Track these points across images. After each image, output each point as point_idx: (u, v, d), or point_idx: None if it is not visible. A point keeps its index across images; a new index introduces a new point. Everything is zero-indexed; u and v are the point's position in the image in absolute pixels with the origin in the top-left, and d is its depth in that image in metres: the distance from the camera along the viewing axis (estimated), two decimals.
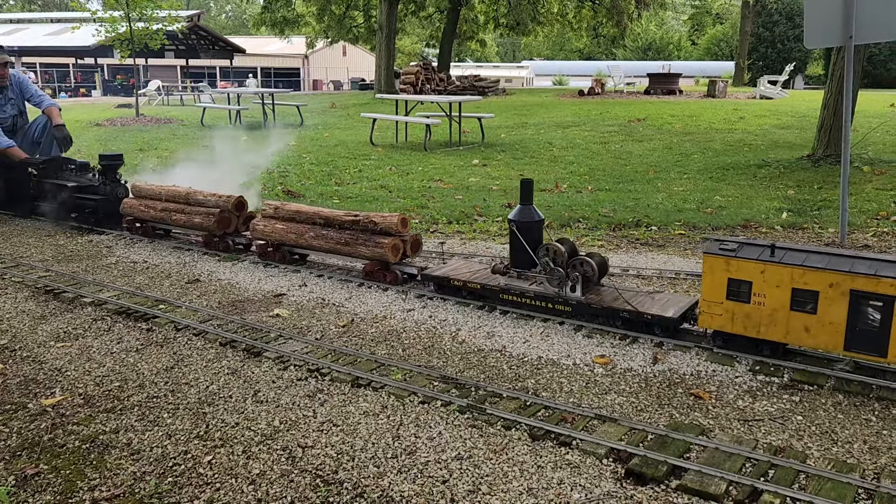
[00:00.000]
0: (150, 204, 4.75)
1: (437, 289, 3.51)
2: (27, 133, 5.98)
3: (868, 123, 11.58)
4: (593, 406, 2.38)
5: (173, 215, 4.58)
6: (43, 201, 5.43)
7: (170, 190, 4.73)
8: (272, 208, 4.19)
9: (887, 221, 5.47)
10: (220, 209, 4.39)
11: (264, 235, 4.14)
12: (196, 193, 4.57)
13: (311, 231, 3.96)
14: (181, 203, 4.61)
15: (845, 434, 2.17)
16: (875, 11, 4.47)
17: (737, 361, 2.67)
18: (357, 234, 3.77)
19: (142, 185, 4.92)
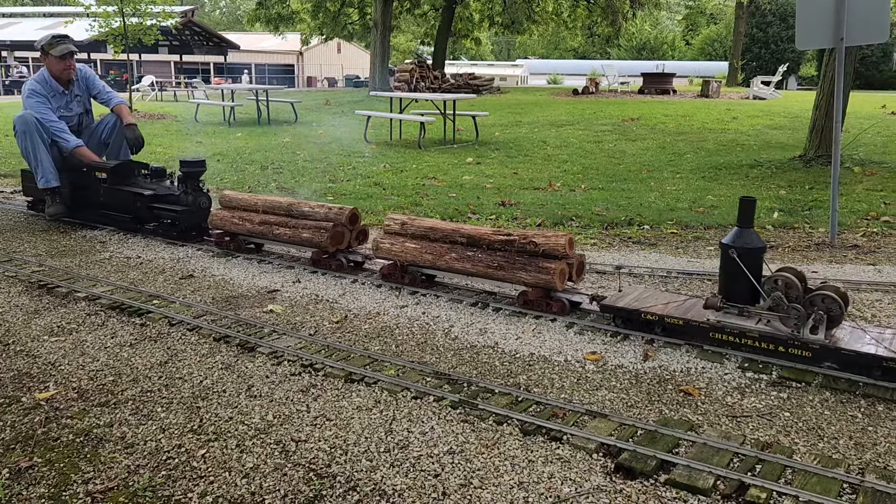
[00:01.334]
0: (245, 216, 4.23)
1: (623, 322, 2.98)
2: (94, 133, 5.40)
3: (860, 125, 11.66)
4: (584, 402, 2.40)
5: (275, 230, 4.08)
6: (113, 210, 4.94)
7: (267, 201, 4.26)
8: (398, 223, 3.70)
9: (877, 222, 5.52)
10: (334, 223, 3.90)
11: (392, 255, 3.64)
12: (300, 205, 4.08)
13: (451, 252, 3.45)
14: (282, 215, 4.12)
15: (831, 430, 2.21)
16: (866, 14, 4.52)
17: (726, 359, 2.70)
18: (512, 256, 3.28)
19: (232, 195, 4.45)
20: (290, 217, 4.09)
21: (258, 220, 4.18)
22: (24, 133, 4.91)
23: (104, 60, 34.77)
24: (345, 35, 31.60)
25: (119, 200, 4.84)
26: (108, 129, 5.38)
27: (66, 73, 5.11)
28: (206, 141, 11.03)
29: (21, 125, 4.92)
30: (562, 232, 3.26)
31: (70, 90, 5.23)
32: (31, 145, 4.90)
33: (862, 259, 4.40)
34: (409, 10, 28.03)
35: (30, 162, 4.99)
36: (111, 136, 5.38)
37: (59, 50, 5.02)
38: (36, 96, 5.02)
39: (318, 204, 4.06)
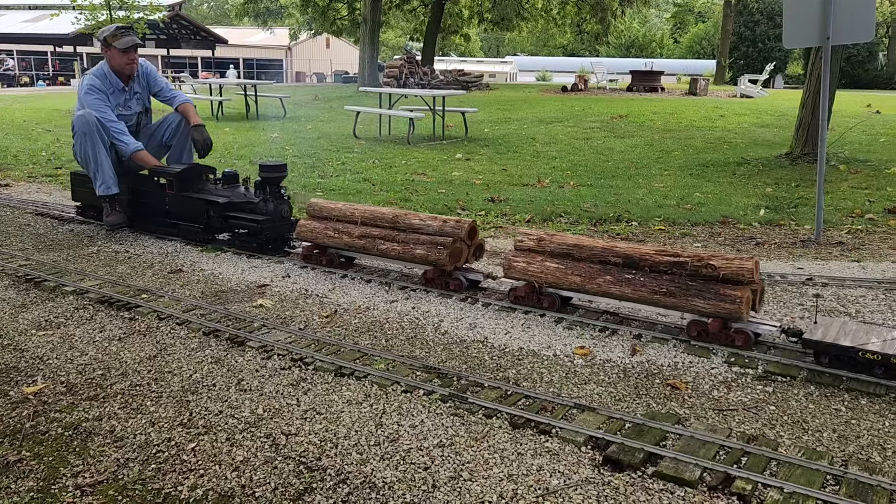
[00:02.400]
0: (342, 228, 3.78)
1: (830, 361, 2.56)
2: (154, 134, 4.91)
3: (845, 123, 11.76)
4: (573, 396, 2.42)
5: (380, 244, 3.62)
6: (181, 219, 4.47)
7: (368, 211, 3.79)
8: (533, 239, 3.26)
9: (861, 219, 5.59)
10: (453, 238, 3.45)
11: (528, 276, 3.22)
12: (408, 216, 3.64)
13: (605, 274, 3.01)
14: (387, 228, 3.67)
15: (816, 423, 2.24)
16: (851, 13, 4.56)
17: (713, 353, 2.73)
18: (683, 280, 2.85)
19: (322, 204, 3.97)
20: (395, 230, 3.63)
21: (358, 232, 3.71)
22: (83, 135, 4.44)
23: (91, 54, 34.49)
24: (334, 30, 31.50)
25: (188, 209, 4.38)
26: (171, 130, 4.89)
27: (128, 67, 4.65)
28: None
29: (81, 126, 4.45)
30: (746, 255, 2.87)
31: (130, 87, 4.76)
32: (92, 148, 4.44)
33: (846, 256, 4.46)
34: (398, 5, 28.00)
35: (88, 166, 4.52)
36: (173, 138, 4.89)
37: (124, 42, 4.56)
38: (95, 93, 4.54)
39: (430, 216, 3.62)
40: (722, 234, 5.09)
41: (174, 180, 4.38)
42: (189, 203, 4.37)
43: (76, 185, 4.96)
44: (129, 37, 4.62)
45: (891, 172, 7.69)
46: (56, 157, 8.75)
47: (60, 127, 12.29)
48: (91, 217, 4.97)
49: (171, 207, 4.48)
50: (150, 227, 4.69)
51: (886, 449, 2.08)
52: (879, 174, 7.65)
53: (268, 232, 4.09)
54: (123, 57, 4.60)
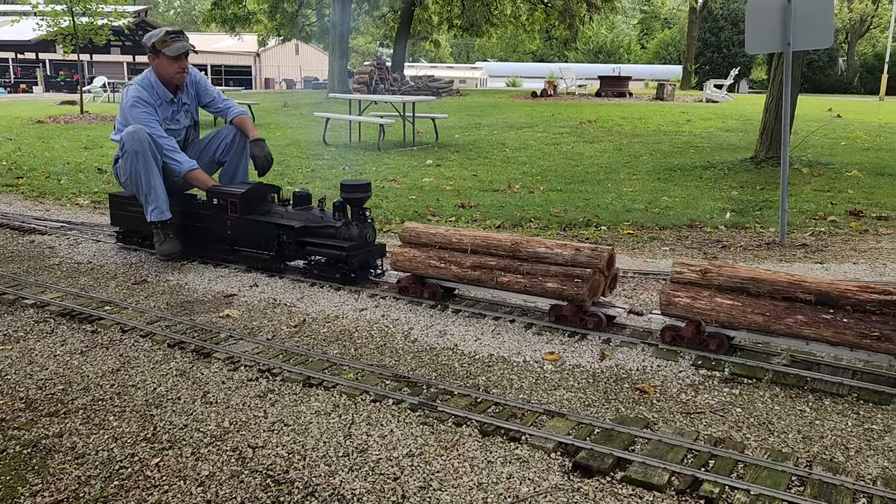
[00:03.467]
0: (449, 257, 3.32)
1: None
2: (205, 150, 4.42)
3: (808, 127, 12.01)
4: (542, 402, 2.42)
5: (499, 276, 3.17)
6: (246, 245, 3.99)
7: (479, 237, 3.31)
8: (697, 271, 2.80)
9: (824, 221, 5.70)
10: (592, 268, 3.00)
11: (693, 313, 2.76)
12: (531, 243, 3.18)
13: (794, 314, 2.59)
14: (505, 257, 3.20)
15: (781, 424, 2.26)
16: (811, 20, 4.66)
17: (681, 357, 2.76)
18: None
19: (420, 228, 3.51)
20: (516, 259, 3.18)
21: (470, 262, 3.25)
22: (135, 154, 3.95)
23: (53, 60, 33.89)
24: (303, 36, 31.36)
25: (254, 234, 3.90)
26: (226, 145, 4.39)
27: (179, 76, 4.18)
28: None
29: (132, 143, 3.94)
30: None
31: (178, 98, 4.28)
32: (145, 168, 3.96)
33: (810, 258, 4.54)
34: (367, 11, 27.95)
35: (138, 189, 4.03)
36: (227, 154, 4.40)
37: (175, 48, 4.09)
38: (142, 106, 4.07)
39: (558, 243, 3.16)
40: (689, 238, 5.16)
41: (238, 202, 3.88)
42: (256, 227, 3.88)
43: (116, 209, 4.46)
44: (181, 42, 4.13)
45: (852, 175, 7.86)
46: (17, 166, 8.56)
47: (22, 136, 12.05)
48: (135, 244, 4.46)
49: (233, 232, 3.98)
50: (206, 255, 4.20)
51: (849, 449, 2.11)
52: (841, 177, 7.82)
53: (354, 260, 3.62)
54: (174, 65, 4.12)
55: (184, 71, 4.19)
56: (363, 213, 3.67)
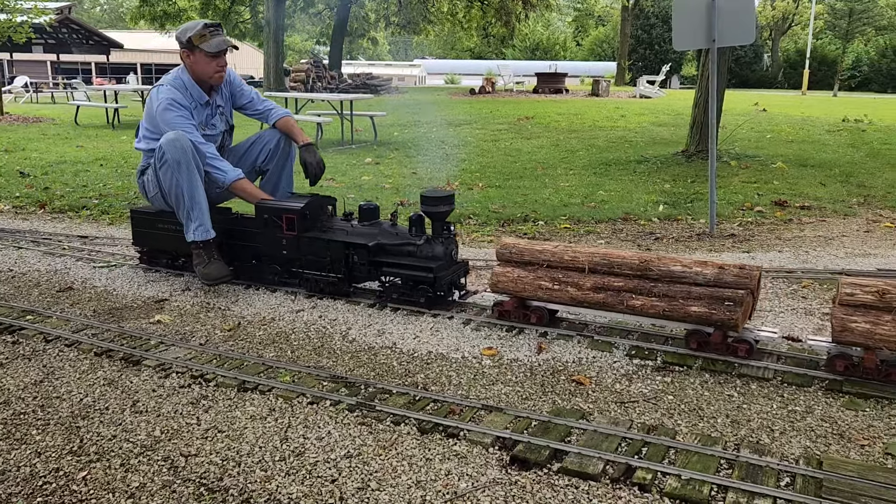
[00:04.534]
0: (563, 277, 2.93)
1: None
2: (245, 157, 3.95)
3: (736, 121, 12.41)
4: (481, 397, 2.43)
5: (629, 299, 2.81)
6: (307, 266, 3.48)
7: (597, 254, 2.92)
8: (872, 292, 2.45)
9: (751, 212, 5.90)
10: (744, 289, 2.64)
11: (873, 341, 2.44)
12: (664, 261, 2.81)
13: None
14: (633, 277, 2.84)
15: (710, 410, 2.33)
16: (734, 17, 4.81)
17: (615, 347, 2.81)
18: None
19: (523, 245, 3.07)
20: (645, 279, 2.82)
21: (590, 283, 2.89)
22: (177, 164, 3.43)
23: None
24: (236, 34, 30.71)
25: (317, 254, 3.42)
26: (269, 151, 3.93)
27: (218, 76, 3.71)
28: (87, 145, 10.43)
29: (174, 152, 3.42)
30: None
31: (212, 99, 3.79)
32: (188, 181, 3.45)
33: (738, 247, 4.69)
34: (303, 8, 27.58)
35: (179, 204, 3.51)
36: (271, 161, 3.95)
37: (215, 43, 3.60)
38: (177, 108, 3.57)
39: (696, 261, 2.78)
40: (624, 231, 5.26)
41: (296, 218, 3.42)
42: (320, 247, 3.41)
43: (140, 226, 3.92)
44: (221, 36, 3.67)
45: (777, 167, 8.16)
46: None
47: None
48: (164, 266, 3.96)
49: (289, 252, 3.49)
50: (257, 278, 3.68)
51: (774, 431, 2.19)
52: (766, 169, 8.10)
53: (443, 281, 3.24)
54: (212, 63, 3.65)
55: (223, 70, 3.71)
56: (447, 227, 3.29)
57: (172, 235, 3.73)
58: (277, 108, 4.00)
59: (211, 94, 3.78)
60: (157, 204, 3.78)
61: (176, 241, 3.72)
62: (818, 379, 2.50)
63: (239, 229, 3.67)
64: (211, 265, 3.54)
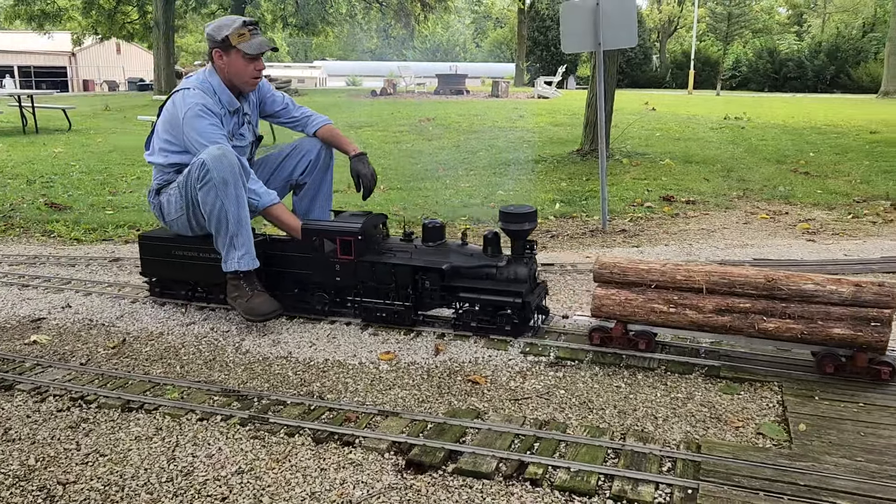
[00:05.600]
0: (679, 299, 2.68)
1: None
2: (278, 171, 3.54)
3: (627, 120, 12.93)
4: (377, 403, 2.42)
5: (759, 321, 2.59)
6: (367, 294, 3.11)
7: (715, 272, 2.68)
8: None
9: (641, 207, 6.16)
10: (889, 307, 2.46)
11: None
12: (793, 279, 2.59)
13: None
14: (759, 297, 2.61)
15: (599, 402, 2.42)
16: (617, 22, 5.01)
17: (510, 346, 2.86)
18: None
19: (624, 264, 2.79)
20: (773, 299, 2.60)
21: (711, 305, 2.65)
22: (224, 184, 2.96)
23: None
24: (124, 35, 29.31)
25: (380, 280, 3.05)
26: (308, 163, 3.51)
27: (254, 81, 3.29)
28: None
29: (220, 170, 2.95)
30: None
31: (240, 108, 3.37)
32: (236, 204, 3.01)
33: (628, 242, 4.88)
34: (195, 8, 26.63)
35: (221, 229, 3.04)
36: (310, 175, 3.53)
37: (256, 45, 3.19)
38: (209, 116, 3.12)
39: (829, 278, 2.56)
40: None
41: (354, 241, 3.05)
42: (382, 272, 3.03)
43: (151, 253, 3.41)
44: (261, 36, 3.25)
45: (665, 164, 8.56)
46: None
47: None
48: (183, 298, 3.44)
49: (345, 279, 3.11)
50: (301, 309, 3.25)
51: (658, 418, 2.29)
52: (656, 165, 8.48)
53: (532, 306, 2.95)
54: (249, 66, 3.22)
55: (260, 74, 3.30)
56: (530, 246, 2.99)
57: (195, 263, 3.29)
58: (316, 115, 3.60)
59: (240, 101, 3.37)
60: (178, 228, 3.30)
61: (200, 270, 3.29)
62: (698, 366, 2.64)
63: (278, 254, 3.21)
64: (256, 298, 3.07)
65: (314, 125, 3.56)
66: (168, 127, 3.23)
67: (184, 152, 3.20)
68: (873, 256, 4.34)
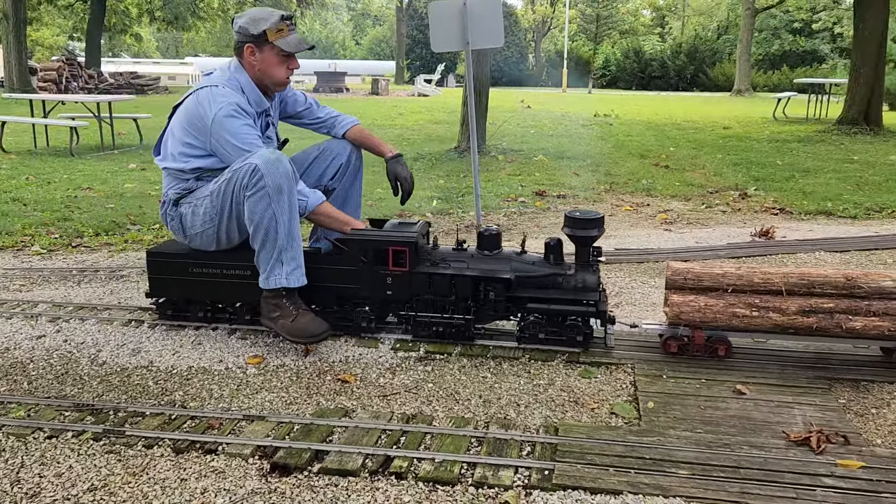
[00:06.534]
0: (760, 302, 2.66)
1: None
2: (306, 175, 3.22)
3: (503, 117, 13.28)
4: (243, 407, 2.38)
5: (845, 321, 2.59)
6: (422, 308, 2.87)
7: (792, 273, 2.68)
8: None
9: (515, 202, 6.35)
10: None
11: None
12: (870, 277, 2.63)
13: None
14: (839, 296, 2.63)
15: (466, 393, 2.48)
16: (484, 22, 5.13)
17: (381, 343, 2.88)
18: None
19: (698, 269, 2.75)
20: (853, 298, 2.63)
21: (795, 307, 2.63)
22: (278, 192, 2.70)
23: None
24: None
25: (438, 292, 2.83)
26: (339, 167, 3.25)
27: (287, 82, 3.06)
28: None
29: (275, 176, 2.69)
30: None
31: (269, 107, 3.10)
32: (290, 214, 2.75)
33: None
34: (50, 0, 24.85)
35: (268, 241, 2.75)
36: (340, 179, 3.28)
37: (294, 42, 2.95)
38: (243, 117, 2.85)
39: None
40: None
41: (409, 251, 2.81)
42: (440, 283, 2.82)
43: (163, 272, 3.05)
44: (297, 34, 3.02)
45: (539, 160, 8.86)
46: None
47: None
48: (200, 320, 3.08)
49: (397, 292, 2.87)
50: (343, 326, 2.97)
51: (520, 405, 2.39)
52: (530, 161, 8.77)
53: (606, 315, 2.79)
54: (283, 65, 2.97)
55: (292, 74, 3.05)
56: (596, 253, 2.84)
57: (220, 281, 2.97)
58: (343, 115, 3.36)
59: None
60: (201, 242, 2.97)
61: (226, 289, 2.99)
62: (560, 353, 2.77)
63: (318, 268, 2.91)
64: (302, 318, 2.80)
65: (343, 126, 3.32)
66: (190, 128, 2.90)
67: (208, 156, 2.90)
68: (720, 243, 4.70)
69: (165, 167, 3.03)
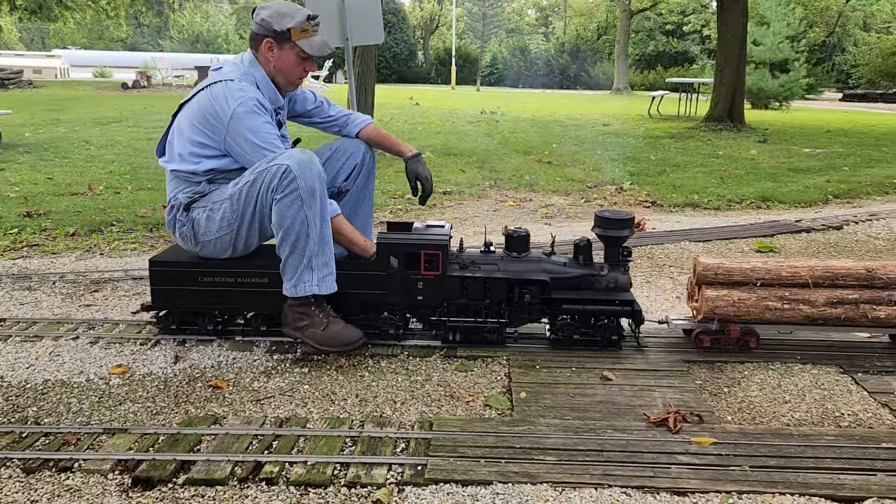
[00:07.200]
0: (790, 295, 2.72)
1: None
2: None
3: (391, 113, 13.26)
4: (104, 420, 2.25)
5: (870, 310, 2.71)
6: (454, 312, 2.77)
7: (817, 266, 2.75)
8: None
9: (402, 199, 6.36)
10: None
11: None
12: (889, 267, 2.75)
13: None
14: (860, 287, 2.73)
15: (342, 393, 2.46)
16: (363, 20, 5.12)
17: (256, 346, 2.81)
18: None
19: (728, 265, 2.76)
20: (874, 289, 2.74)
21: (823, 299, 2.71)
22: (311, 194, 2.54)
23: None
24: None
25: (472, 296, 2.75)
26: (353, 167, 3.06)
27: (300, 83, 2.89)
28: None
29: (309, 178, 2.53)
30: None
31: (283, 105, 2.90)
32: (322, 217, 2.59)
33: None
34: None
35: (298, 246, 2.58)
36: (354, 180, 3.09)
37: (318, 45, 2.78)
38: (263, 114, 2.65)
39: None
40: None
41: (441, 255, 2.71)
42: (474, 287, 2.75)
43: (167, 282, 2.80)
44: (321, 37, 2.85)
45: (426, 157, 8.87)
46: None
47: None
48: (210, 332, 2.87)
49: (428, 297, 2.76)
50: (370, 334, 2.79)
51: (396, 402, 2.39)
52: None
53: (626, 320, 2.79)
54: (300, 66, 2.80)
55: (306, 76, 2.89)
56: (626, 253, 2.81)
57: (235, 290, 2.78)
58: (356, 114, 3.19)
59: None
60: (214, 249, 2.76)
61: (244, 297, 2.79)
62: (438, 348, 2.79)
63: (343, 274, 2.75)
64: (334, 326, 2.67)
65: (356, 125, 3.16)
66: (203, 126, 2.68)
67: (223, 156, 2.71)
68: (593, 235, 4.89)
69: (173, 169, 2.80)
